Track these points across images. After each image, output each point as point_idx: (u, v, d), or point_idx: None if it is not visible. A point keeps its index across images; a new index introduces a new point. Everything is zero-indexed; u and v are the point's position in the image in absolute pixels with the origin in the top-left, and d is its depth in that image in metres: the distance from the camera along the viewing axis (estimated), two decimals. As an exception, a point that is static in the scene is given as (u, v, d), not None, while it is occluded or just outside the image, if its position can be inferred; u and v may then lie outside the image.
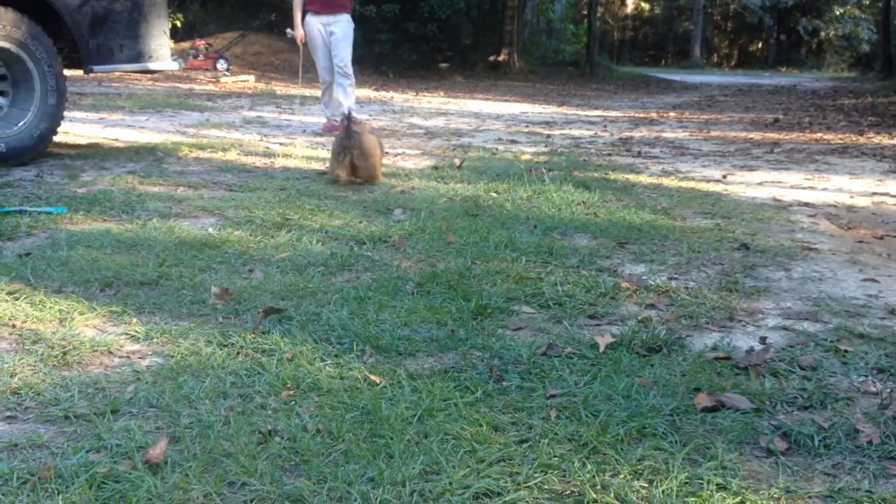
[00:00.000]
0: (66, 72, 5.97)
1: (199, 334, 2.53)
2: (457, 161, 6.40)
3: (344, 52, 8.07)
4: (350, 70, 8.16)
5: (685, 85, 23.79)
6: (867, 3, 40.94)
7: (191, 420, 1.97)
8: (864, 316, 2.90)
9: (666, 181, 5.79)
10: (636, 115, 12.96)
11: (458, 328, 2.64)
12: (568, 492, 1.73)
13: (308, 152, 6.81)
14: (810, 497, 1.74)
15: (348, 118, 5.31)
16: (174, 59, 6.85)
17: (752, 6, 38.67)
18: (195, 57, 17.86)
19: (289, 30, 8.83)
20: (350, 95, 8.32)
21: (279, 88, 15.24)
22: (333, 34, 8.01)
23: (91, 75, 6.67)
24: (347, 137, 5.22)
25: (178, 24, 19.31)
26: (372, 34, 20.62)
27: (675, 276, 3.36)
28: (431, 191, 5.11)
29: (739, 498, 1.72)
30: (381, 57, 21.07)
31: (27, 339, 2.47)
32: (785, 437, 1.97)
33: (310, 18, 8.02)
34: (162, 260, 3.31)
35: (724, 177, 6.17)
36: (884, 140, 9.08)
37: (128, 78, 15.00)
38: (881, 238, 4.21)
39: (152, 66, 6.40)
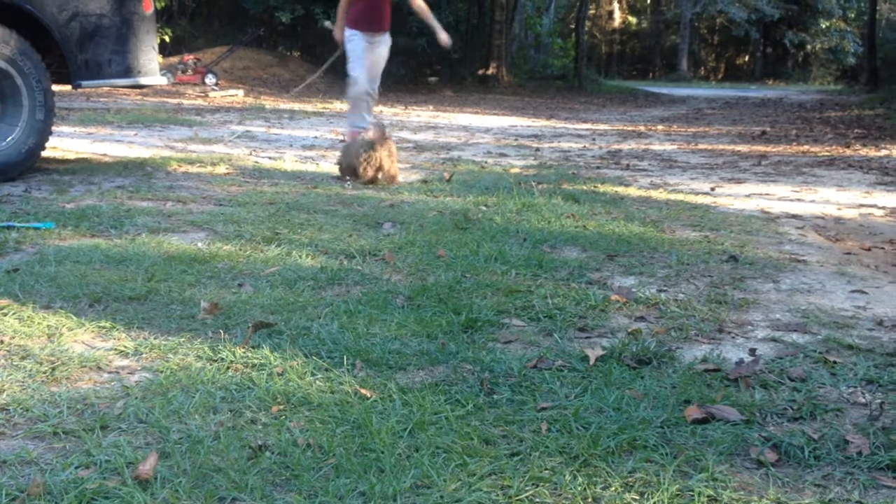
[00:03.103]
0: (55, 87, 5.95)
1: (189, 349, 2.52)
2: (446, 174, 6.41)
3: (380, 72, 7.95)
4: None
5: (672, 98, 23.90)
6: (853, 16, 41.26)
7: (180, 435, 1.96)
8: (853, 327, 2.91)
9: (654, 194, 5.81)
10: (624, 128, 13.01)
11: (449, 341, 2.64)
12: (559, 505, 1.73)
13: (297, 166, 6.82)
14: (801, 508, 1.75)
15: (382, 126, 5.96)
16: (163, 74, 6.87)
17: (738, 19, 38.89)
18: (184, 72, 17.88)
19: (328, 22, 8.74)
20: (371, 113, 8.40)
21: (268, 103, 15.24)
22: (379, 53, 7.75)
23: (79, 90, 6.68)
24: (381, 141, 5.85)
25: (167, 38, 19.32)
26: (361, 48, 20.61)
27: (665, 288, 3.37)
28: (421, 204, 5.11)
29: (730, 510, 1.72)
30: (370, 71, 21.07)
31: (15, 354, 2.45)
32: (775, 449, 1.97)
33: (355, 34, 7.64)
34: (151, 275, 3.30)
35: (713, 189, 6.20)
36: (870, 152, 9.14)
37: (116, 93, 14.98)
38: (869, 249, 4.23)
39: (141, 80, 6.40)
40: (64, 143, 7.68)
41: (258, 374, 2.34)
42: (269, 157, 7.40)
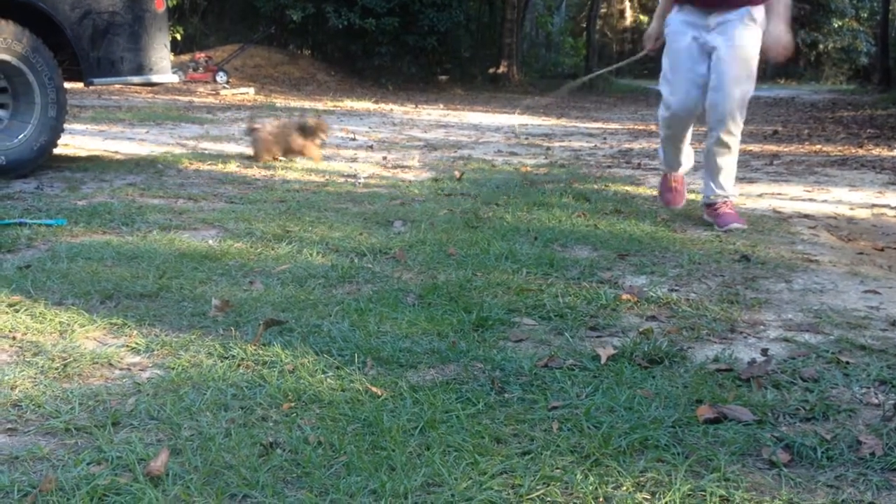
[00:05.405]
0: (67, 84, 5.98)
1: (200, 346, 2.52)
2: (457, 173, 6.41)
3: (737, 86, 4.36)
4: (740, 118, 4.47)
5: (684, 97, 23.79)
6: (865, 15, 41.09)
7: (192, 432, 1.97)
8: (866, 328, 2.89)
9: (666, 193, 5.78)
10: (635, 127, 12.98)
11: (460, 340, 2.63)
12: (570, 504, 1.72)
13: (308, 164, 6.82)
14: (814, 509, 1.74)
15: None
16: (174, 72, 6.87)
17: (750, 19, 38.70)
18: (195, 70, 17.95)
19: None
20: (731, 164, 4.73)
21: (279, 101, 15.27)
22: (721, 46, 4.35)
23: (91, 88, 6.69)
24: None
25: (179, 36, 19.38)
26: (371, 47, 20.70)
27: (676, 287, 3.36)
28: (432, 203, 5.11)
29: (743, 510, 1.71)
30: (381, 69, 21.15)
31: (27, 351, 2.46)
32: (787, 449, 1.96)
33: (678, 21, 4.52)
34: (162, 272, 3.31)
35: (724, 189, 6.17)
36: (883, 152, 9.09)
37: (128, 90, 15.03)
38: (882, 250, 4.21)
39: (153, 78, 6.42)
40: (76, 141, 7.71)
41: (269, 371, 2.34)
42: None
